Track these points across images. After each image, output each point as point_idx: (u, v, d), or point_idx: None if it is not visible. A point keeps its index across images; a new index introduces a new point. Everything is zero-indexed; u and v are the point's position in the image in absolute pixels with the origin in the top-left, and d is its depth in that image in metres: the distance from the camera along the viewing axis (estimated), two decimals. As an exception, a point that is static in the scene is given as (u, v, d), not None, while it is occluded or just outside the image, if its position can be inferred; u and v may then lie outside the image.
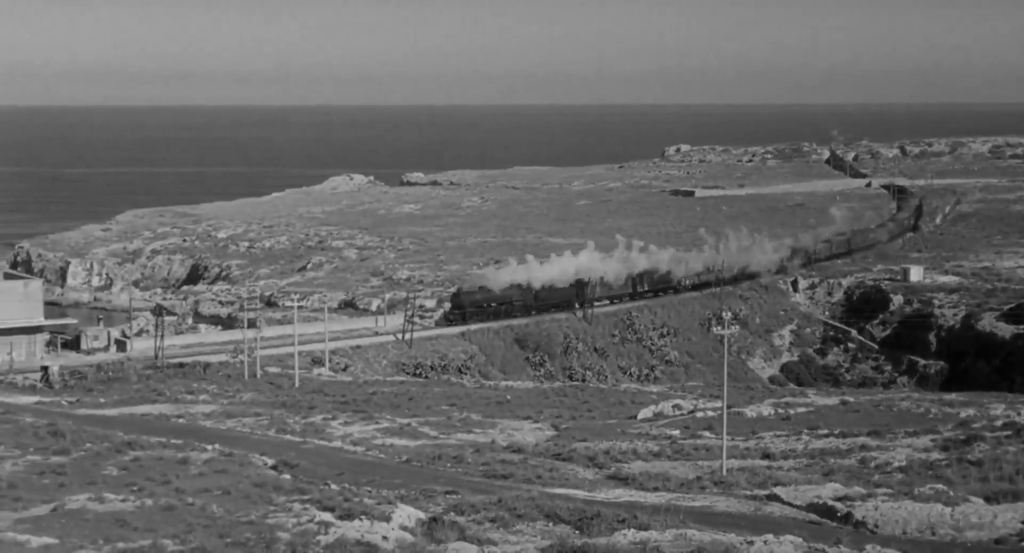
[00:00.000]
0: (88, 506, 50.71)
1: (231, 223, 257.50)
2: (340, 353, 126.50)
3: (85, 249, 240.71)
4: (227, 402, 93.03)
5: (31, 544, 41.23)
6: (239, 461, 63.18)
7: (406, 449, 69.98)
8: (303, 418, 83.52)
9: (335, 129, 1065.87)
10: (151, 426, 79.21)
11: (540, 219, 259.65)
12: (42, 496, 53.68)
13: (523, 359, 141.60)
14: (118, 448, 67.42)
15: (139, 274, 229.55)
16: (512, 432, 79.58)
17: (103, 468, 61.66)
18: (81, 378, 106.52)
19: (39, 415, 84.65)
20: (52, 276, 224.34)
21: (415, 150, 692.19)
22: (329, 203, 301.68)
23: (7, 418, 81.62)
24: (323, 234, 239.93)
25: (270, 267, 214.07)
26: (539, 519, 44.66)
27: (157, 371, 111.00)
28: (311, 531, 39.23)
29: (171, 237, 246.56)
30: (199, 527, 44.82)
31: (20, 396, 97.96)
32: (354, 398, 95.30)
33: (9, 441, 69.95)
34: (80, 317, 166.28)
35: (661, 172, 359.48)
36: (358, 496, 51.88)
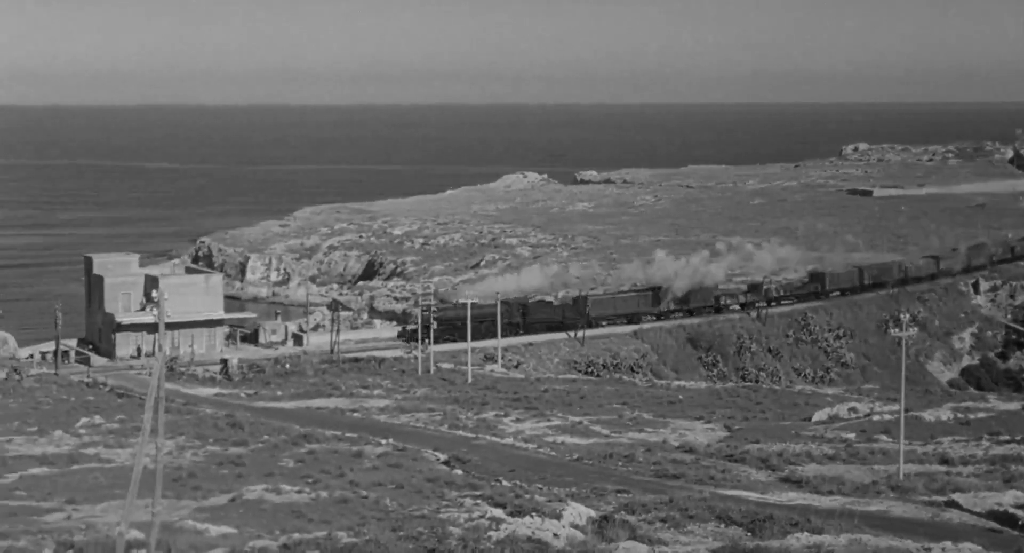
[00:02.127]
0: (265, 497, 51.64)
1: (406, 220, 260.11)
2: (513, 350, 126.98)
3: (264, 245, 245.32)
4: (401, 397, 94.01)
5: (210, 532, 42.05)
6: (412, 456, 63.81)
7: (577, 447, 69.92)
8: (475, 414, 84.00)
9: (510, 127, 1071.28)
10: (326, 419, 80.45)
11: (714, 218, 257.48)
12: (221, 486, 54.84)
13: (696, 359, 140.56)
14: (294, 441, 68.61)
15: (316, 270, 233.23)
16: (684, 432, 79.02)
17: (280, 460, 62.80)
18: (259, 371, 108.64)
19: (218, 407, 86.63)
20: (232, 271, 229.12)
21: (589, 148, 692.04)
22: (503, 201, 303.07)
23: (188, 409, 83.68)
24: (496, 231, 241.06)
25: (444, 264, 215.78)
26: (710, 520, 44.24)
27: (333, 365, 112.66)
28: (482, 527, 39.36)
29: (347, 233, 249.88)
30: (372, 520, 45.33)
31: (201, 388, 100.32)
32: (526, 395, 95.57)
33: (190, 432, 71.66)
34: (259, 311, 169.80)
35: (838, 171, 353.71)
36: (529, 493, 51.98)
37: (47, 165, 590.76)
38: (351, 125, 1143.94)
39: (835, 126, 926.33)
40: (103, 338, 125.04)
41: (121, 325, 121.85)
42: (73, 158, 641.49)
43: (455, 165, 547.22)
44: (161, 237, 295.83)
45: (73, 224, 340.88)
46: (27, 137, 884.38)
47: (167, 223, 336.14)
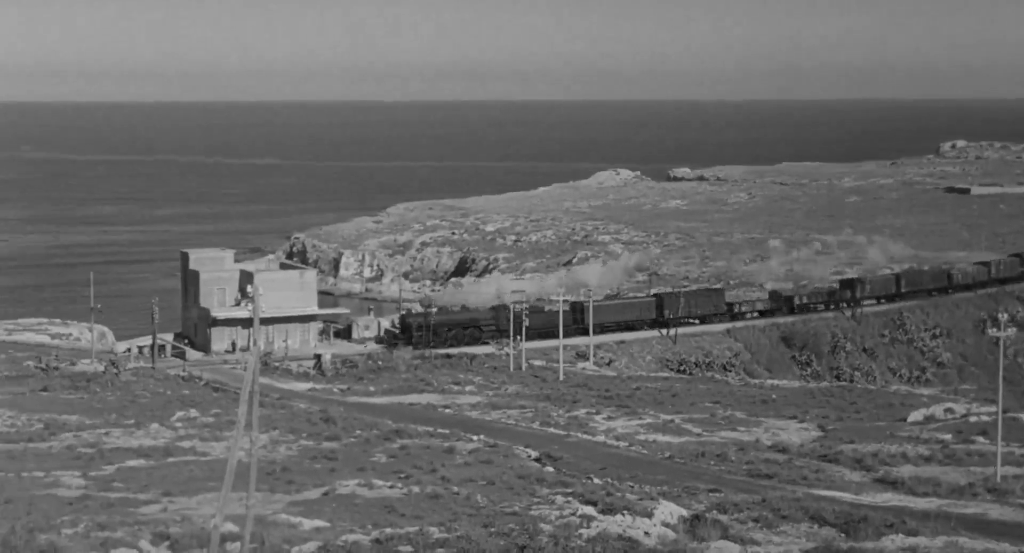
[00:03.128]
0: (357, 491, 51.96)
1: (499, 217, 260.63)
2: (604, 348, 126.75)
3: (357, 241, 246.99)
4: (492, 393, 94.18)
5: (303, 526, 42.38)
6: (503, 452, 63.89)
7: (669, 445, 69.67)
8: (567, 411, 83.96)
9: (602, 124, 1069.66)
10: (418, 415, 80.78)
11: (808, 216, 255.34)
12: (314, 480, 55.25)
13: (789, 358, 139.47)
14: (387, 436, 68.97)
15: (409, 266, 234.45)
16: (777, 431, 78.45)
17: (372, 455, 63.17)
18: (352, 366, 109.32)
19: (312, 402, 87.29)
20: (326, 267, 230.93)
21: (682, 145, 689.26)
22: (595, 198, 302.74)
23: (282, 404, 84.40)
24: (589, 228, 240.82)
25: (536, 261, 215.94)
26: (803, 521, 43.85)
27: (425, 361, 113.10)
28: (573, 524, 39.32)
29: (440, 230, 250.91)
30: (464, 516, 45.44)
31: (294, 383, 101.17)
32: (618, 393, 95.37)
33: (284, 426, 72.29)
34: (352, 307, 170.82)
35: (935, 168, 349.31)
36: (620, 491, 51.86)
37: (140, 161, 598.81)
38: (443, 122, 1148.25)
39: (933, 122, 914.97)
40: (198, 333, 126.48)
41: (216, 320, 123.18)
42: (166, 155, 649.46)
43: (548, 162, 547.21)
44: (256, 233, 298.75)
45: (170, 220, 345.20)
46: (114, 134, 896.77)
47: (262, 219, 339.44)
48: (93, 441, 67.41)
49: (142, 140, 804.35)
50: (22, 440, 67.98)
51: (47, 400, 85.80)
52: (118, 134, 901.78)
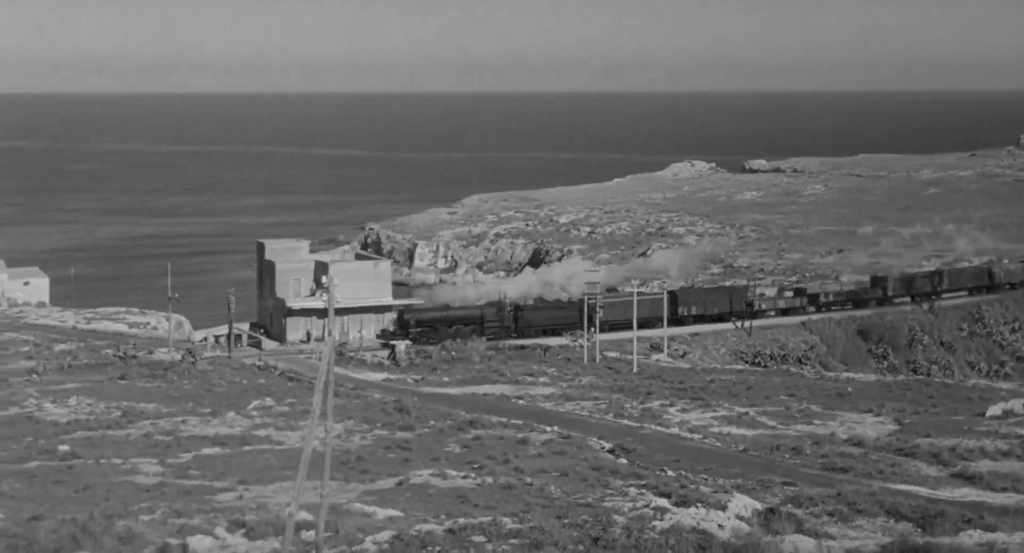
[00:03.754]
0: (431, 481, 52.14)
1: (573, 208, 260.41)
2: (679, 340, 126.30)
3: (432, 231, 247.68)
4: (566, 385, 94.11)
5: (377, 515, 42.57)
6: (577, 444, 63.86)
7: (743, 438, 69.29)
8: (640, 403, 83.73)
9: (677, 115, 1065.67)
10: (492, 406, 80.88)
11: (884, 208, 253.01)
12: (388, 470, 55.52)
13: (865, 351, 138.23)
14: (460, 426, 69.14)
15: (483, 257, 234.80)
16: (853, 425, 77.78)
17: (446, 445, 63.35)
18: (426, 357, 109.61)
19: (386, 392, 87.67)
20: (400, 257, 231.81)
21: (758, 137, 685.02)
22: (670, 189, 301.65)
23: (357, 394, 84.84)
24: (663, 220, 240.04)
25: (610, 252, 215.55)
26: (879, 515, 43.48)
27: (498, 353, 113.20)
28: (647, 516, 39.21)
29: (514, 221, 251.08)
30: (537, 507, 45.47)
31: (369, 373, 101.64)
32: (692, 385, 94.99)
33: (358, 416, 72.69)
34: (425, 298, 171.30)
35: (1016, 160, 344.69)
36: (694, 483, 51.67)
37: (217, 152, 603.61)
38: (519, 113, 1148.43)
39: (1013, 114, 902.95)
40: (274, 322, 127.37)
41: (292, 310, 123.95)
42: (243, 146, 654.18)
43: (622, 154, 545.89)
44: (331, 224, 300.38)
45: (246, 211, 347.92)
46: (190, 126, 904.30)
47: (338, 210, 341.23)
48: (170, 429, 68.13)
49: (219, 131, 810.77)
50: (101, 427, 68.86)
51: (125, 388, 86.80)
52: (195, 125, 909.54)
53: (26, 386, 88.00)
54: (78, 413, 74.36)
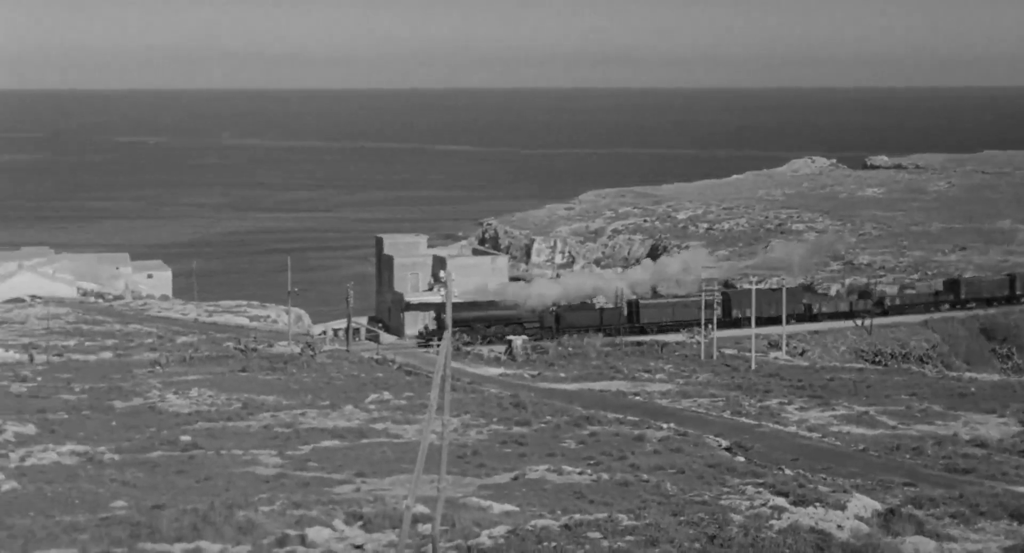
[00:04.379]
0: (547, 477, 52.15)
1: (691, 204, 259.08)
2: (797, 337, 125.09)
3: (549, 227, 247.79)
4: (683, 382, 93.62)
5: (493, 510, 42.67)
6: (694, 441, 63.51)
7: (863, 438, 68.38)
8: (758, 401, 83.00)
9: (797, 111, 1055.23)
10: (608, 402, 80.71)
11: (1011, 205, 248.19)
12: (504, 464, 55.65)
13: (989, 350, 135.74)
14: (576, 422, 69.09)
15: (600, 253, 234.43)
16: (976, 426, 76.44)
17: (562, 441, 63.34)
18: (543, 352, 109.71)
19: (503, 387, 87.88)
20: (517, 253, 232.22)
21: (879, 133, 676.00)
22: (790, 186, 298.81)
23: (473, 388, 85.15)
24: (783, 217, 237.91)
25: (728, 249, 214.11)
26: (1003, 518, 42.62)
27: (615, 348, 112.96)
28: (764, 515, 38.83)
29: (632, 217, 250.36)
30: (653, 504, 45.25)
31: (486, 368, 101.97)
32: (811, 383, 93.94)
33: (475, 410, 72.94)
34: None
35: None
36: (812, 483, 51.12)
37: (336, 148, 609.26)
38: (637, 108, 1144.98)
39: None
40: (392, 316, 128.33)
41: (410, 304, 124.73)
42: (362, 141, 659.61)
43: (741, 150, 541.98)
44: (449, 219, 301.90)
45: (365, 206, 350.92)
46: (310, 121, 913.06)
47: (455, 205, 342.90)
48: (289, 421, 68.92)
49: (338, 127, 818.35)
50: (222, 419, 69.87)
51: (245, 380, 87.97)
52: (315, 120, 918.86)
53: (149, 377, 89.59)
54: (199, 404, 75.53)
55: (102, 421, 68.84)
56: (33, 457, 56.78)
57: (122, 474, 52.79)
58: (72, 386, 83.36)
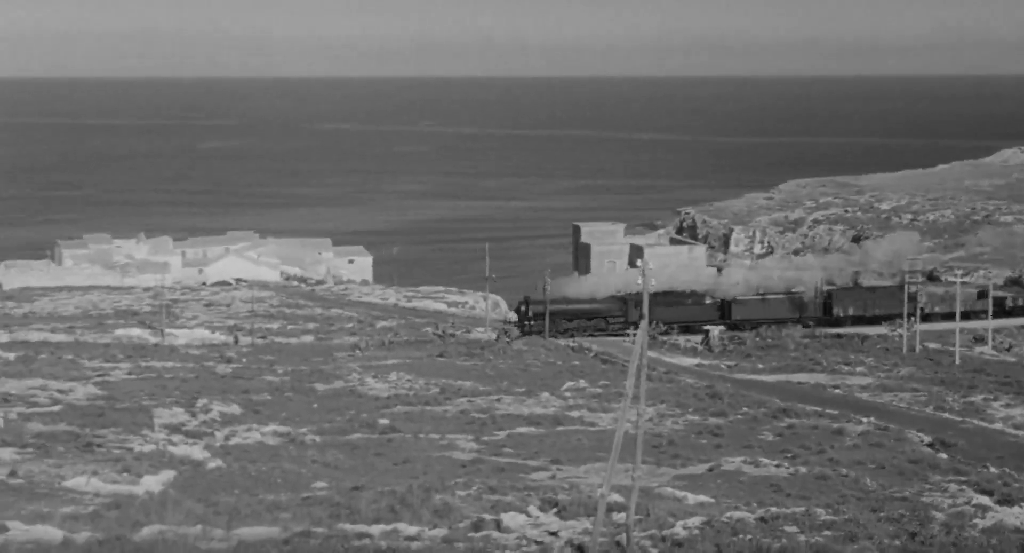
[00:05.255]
0: (743, 468, 51.65)
1: (894, 195, 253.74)
2: (1004, 332, 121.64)
3: (748, 217, 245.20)
4: (884, 375, 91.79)
5: (688, 500, 42.44)
6: (894, 436, 62.21)
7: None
8: (962, 397, 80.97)
9: (996, 98, 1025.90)
10: (807, 394, 79.57)
11: None
12: (699, 455, 55.28)
13: None
14: (774, 414, 68.29)
15: (799, 243, 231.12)
16: None
17: (758, 433, 62.66)
18: (740, 343, 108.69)
19: (699, 377, 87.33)
20: (716, 242, 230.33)
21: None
22: (998, 176, 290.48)
23: (669, 378, 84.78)
24: (990, 208, 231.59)
25: (933, 241, 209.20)
26: None
27: (814, 340, 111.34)
28: (967, 513, 37.86)
29: (832, 207, 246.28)
30: (852, 499, 44.50)
31: (682, 357, 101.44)
32: (1018, 379, 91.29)
33: (671, 400, 72.62)
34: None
35: None
36: (1019, 482, 49.67)
37: (535, 136, 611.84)
38: (841, 96, 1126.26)
39: None
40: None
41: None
42: (559, 130, 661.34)
43: (946, 139, 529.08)
44: (647, 207, 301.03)
45: (562, 194, 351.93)
46: (507, 108, 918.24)
47: (653, 193, 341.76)
48: (486, 407, 69.53)
49: (533, 114, 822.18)
50: (420, 403, 70.82)
51: (443, 365, 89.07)
52: (511, 108, 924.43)
53: (349, 361, 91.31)
54: (398, 388, 76.69)
55: (304, 403, 70.37)
56: (237, 437, 58.33)
57: (323, 455, 53.87)
58: (275, 368, 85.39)
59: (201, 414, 63.24)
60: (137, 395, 68.55)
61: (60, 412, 59.94)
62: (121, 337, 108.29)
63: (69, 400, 64.96)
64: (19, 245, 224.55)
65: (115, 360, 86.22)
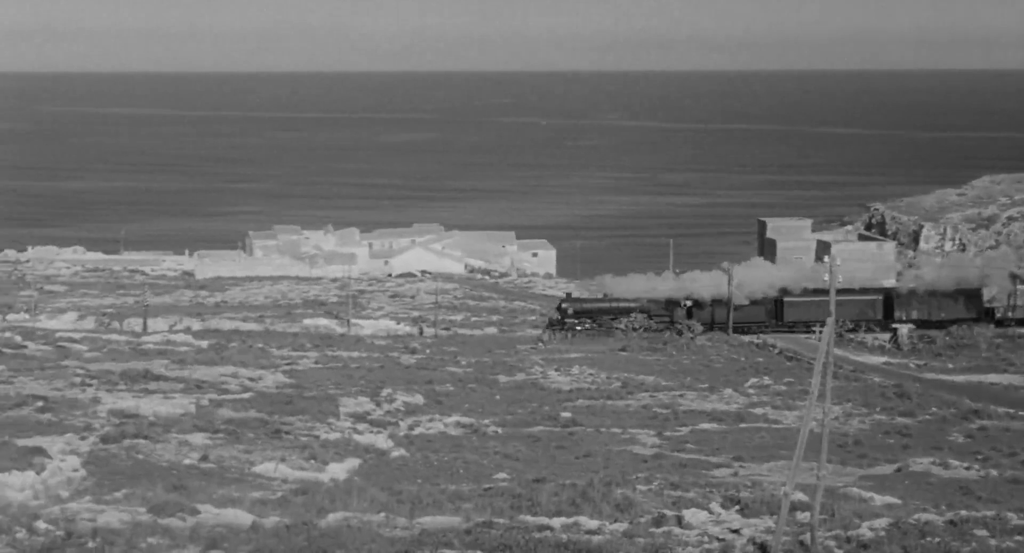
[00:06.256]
0: (932, 470, 50.56)
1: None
2: None
3: (939, 213, 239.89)
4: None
5: (874, 501, 41.64)
6: (1092, 440, 60.31)
7: None
8: None
9: None
10: (999, 396, 77.55)
11: None
12: (886, 456, 54.26)
13: None
14: (964, 415, 66.70)
15: (993, 241, 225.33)
16: None
17: (948, 434, 61.29)
18: (930, 342, 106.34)
19: (886, 376, 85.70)
20: (905, 239, 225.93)
21: None
22: None
23: (856, 376, 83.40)
24: None
25: None
26: None
27: (1007, 340, 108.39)
28: None
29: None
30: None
31: (868, 356, 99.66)
32: None
33: (857, 399, 71.40)
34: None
35: None
36: None
37: (719, 130, 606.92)
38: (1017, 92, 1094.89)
39: None
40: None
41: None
42: (746, 123, 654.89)
43: None
44: (834, 203, 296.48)
45: (746, 188, 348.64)
46: (692, 102, 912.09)
47: (841, 189, 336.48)
48: (668, 402, 69.21)
49: (720, 108, 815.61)
50: (601, 397, 70.80)
51: (626, 360, 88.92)
52: (696, 101, 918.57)
53: (532, 354, 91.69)
54: (580, 382, 76.80)
55: (486, 394, 70.89)
56: (420, 426, 59.00)
57: (504, 447, 54.18)
58: (458, 359, 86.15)
59: (385, 404, 64.11)
60: (324, 384, 69.78)
61: (250, 399, 61.31)
62: (309, 327, 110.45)
63: (259, 388, 66.42)
64: (211, 236, 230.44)
65: (303, 349, 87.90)
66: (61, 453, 42.64)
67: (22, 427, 47.87)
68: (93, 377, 64.48)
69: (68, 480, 39.54)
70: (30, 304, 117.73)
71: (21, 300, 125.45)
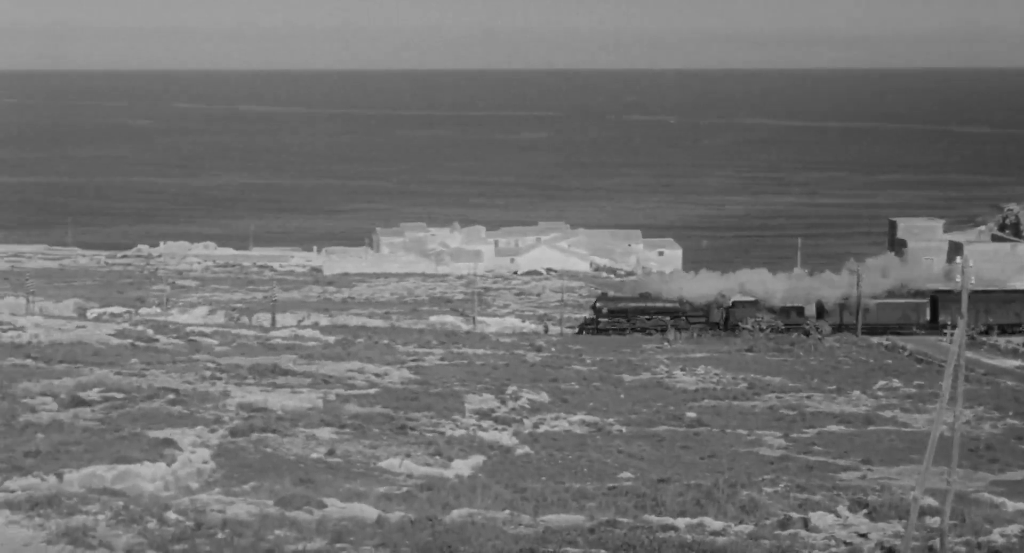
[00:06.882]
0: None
1: None
2: None
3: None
4: None
5: (1006, 507, 40.81)
6: None
7: None
8: None
9: None
10: None
11: None
12: (1019, 461, 53.25)
13: None
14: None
15: None
16: None
17: (1085, 439, 59.94)
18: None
19: (1020, 379, 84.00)
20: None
21: None
22: None
23: (988, 380, 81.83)
24: None
25: None
26: None
27: None
28: None
29: None
30: None
31: (1002, 359, 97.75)
32: None
33: (989, 403, 70.06)
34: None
35: None
36: None
37: (843, 128, 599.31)
38: None
39: None
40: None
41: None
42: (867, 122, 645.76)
43: None
44: (968, 203, 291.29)
45: (878, 188, 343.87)
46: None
47: (976, 189, 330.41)
48: (795, 404, 68.54)
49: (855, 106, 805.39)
50: (727, 397, 70.32)
51: (752, 360, 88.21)
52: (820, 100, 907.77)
53: (657, 353, 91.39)
54: (705, 382, 76.35)
55: (611, 393, 70.76)
56: (545, 424, 59.04)
57: (629, 446, 54.04)
58: (584, 358, 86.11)
59: (510, 401, 64.25)
60: (449, 380, 70.13)
61: (376, 395, 61.81)
62: (435, 323, 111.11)
63: (385, 383, 66.95)
64: (339, 232, 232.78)
65: (428, 346, 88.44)
66: (191, 445, 43.38)
67: (154, 419, 48.75)
68: (223, 371, 65.51)
69: (198, 472, 40.22)
70: (162, 299, 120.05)
71: (153, 295, 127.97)
